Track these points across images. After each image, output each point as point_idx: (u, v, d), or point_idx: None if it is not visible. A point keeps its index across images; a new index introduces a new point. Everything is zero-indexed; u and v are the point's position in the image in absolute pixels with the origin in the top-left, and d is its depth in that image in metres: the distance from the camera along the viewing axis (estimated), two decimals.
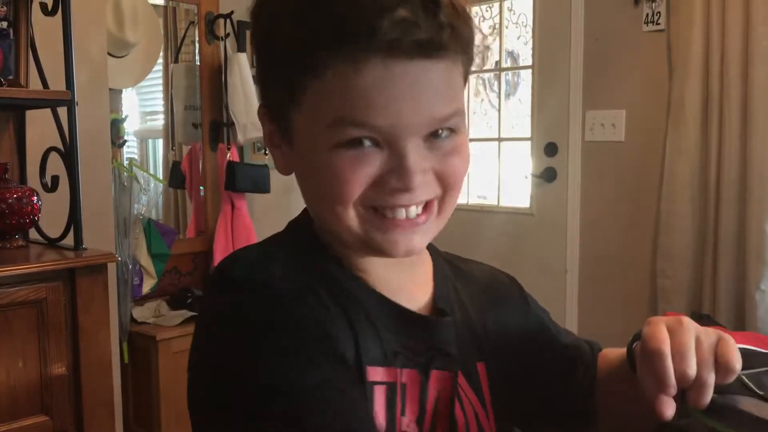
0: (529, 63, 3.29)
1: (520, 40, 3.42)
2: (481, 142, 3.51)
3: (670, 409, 0.61)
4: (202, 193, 3.14)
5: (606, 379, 0.82)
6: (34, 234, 1.93)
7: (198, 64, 3.09)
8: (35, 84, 1.84)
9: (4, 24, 1.78)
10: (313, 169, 0.66)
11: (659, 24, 2.79)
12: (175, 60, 3.12)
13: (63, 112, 1.82)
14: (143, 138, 3.21)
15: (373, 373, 0.67)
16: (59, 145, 1.83)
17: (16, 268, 1.62)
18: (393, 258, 0.69)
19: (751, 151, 2.51)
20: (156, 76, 3.08)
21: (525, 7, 3.33)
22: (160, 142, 3.23)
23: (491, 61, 3.49)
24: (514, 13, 3.41)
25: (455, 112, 0.66)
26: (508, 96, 3.53)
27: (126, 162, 2.88)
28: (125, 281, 2.67)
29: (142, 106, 3.21)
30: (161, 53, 3.03)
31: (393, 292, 0.73)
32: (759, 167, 2.50)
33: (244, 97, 2.99)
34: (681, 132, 2.68)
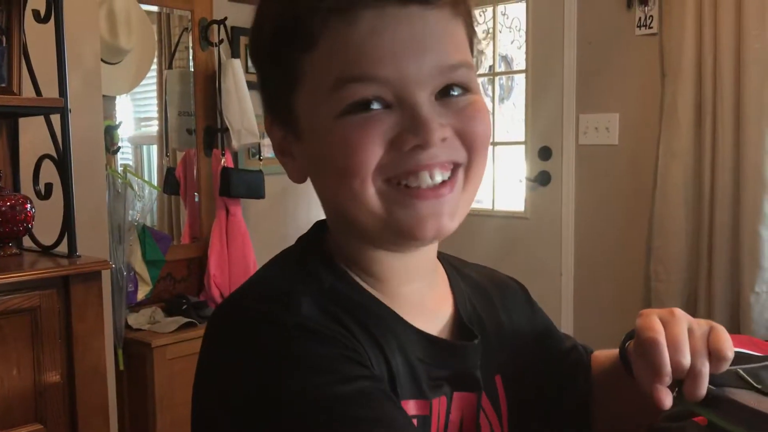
0: (523, 67, 3.30)
1: (514, 45, 3.43)
2: None
3: (668, 398, 0.61)
4: (196, 199, 3.14)
5: (599, 379, 0.82)
6: (27, 242, 1.92)
7: (192, 70, 3.09)
8: (28, 91, 1.84)
9: None
10: (323, 147, 0.62)
11: (652, 28, 2.80)
12: (169, 66, 3.12)
13: (56, 119, 1.81)
14: (137, 144, 3.21)
15: (406, 407, 0.64)
16: (53, 152, 1.82)
17: (9, 276, 1.61)
18: (422, 242, 0.65)
19: (745, 154, 2.52)
20: (150, 83, 3.08)
21: (518, 11, 3.34)
22: (154, 148, 3.22)
23: (485, 66, 3.49)
24: (507, 18, 3.42)
25: (462, 62, 0.62)
26: (502, 100, 3.54)
27: (120, 168, 2.87)
28: (120, 288, 2.66)
29: (137, 113, 3.21)
30: (155, 59, 3.03)
31: (418, 312, 0.69)
32: (752, 170, 2.50)
33: (238, 102, 2.99)
34: (674, 135, 2.69)
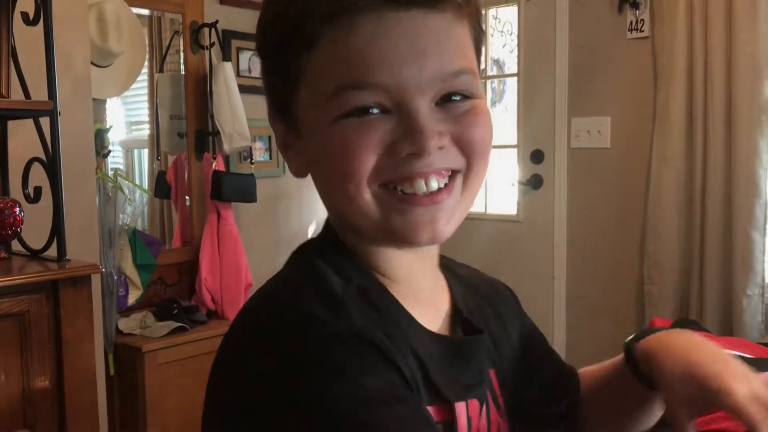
0: (515, 71, 3.30)
1: (506, 49, 3.43)
2: None
3: None
4: (187, 202, 3.13)
5: (595, 388, 0.82)
6: (16, 245, 1.90)
7: (183, 73, 3.08)
8: (17, 94, 1.82)
9: None
10: (321, 149, 0.62)
11: (643, 31, 2.81)
12: (160, 69, 3.11)
13: (46, 122, 1.80)
14: (128, 148, 3.19)
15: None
16: (42, 155, 1.81)
17: None
18: (417, 247, 0.65)
19: (736, 157, 2.53)
20: (141, 86, 3.06)
21: (510, 15, 3.34)
22: (145, 151, 3.21)
23: None
24: (499, 22, 3.42)
25: (463, 69, 0.61)
26: (494, 104, 3.54)
27: (111, 172, 2.85)
28: (110, 292, 2.65)
29: (127, 116, 3.20)
30: (146, 63, 3.02)
31: (423, 305, 0.69)
32: (744, 172, 2.51)
33: (229, 106, 2.98)
34: (666, 138, 2.69)
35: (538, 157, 3.18)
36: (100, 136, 2.80)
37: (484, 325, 0.75)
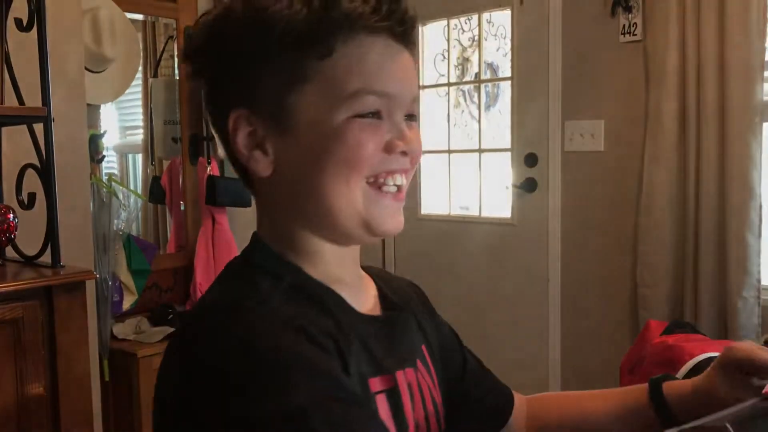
0: (509, 75, 3.31)
1: (500, 52, 3.44)
2: (462, 154, 3.52)
3: None
4: (182, 207, 3.12)
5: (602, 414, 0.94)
6: (10, 252, 1.90)
7: (177, 78, 3.08)
8: (11, 100, 1.82)
9: None
10: (327, 142, 0.71)
11: (636, 35, 2.82)
12: (154, 74, 3.11)
13: (39, 128, 1.80)
14: (122, 153, 3.19)
15: (372, 384, 0.73)
16: (36, 161, 1.81)
17: None
18: (384, 236, 0.78)
19: (729, 160, 2.54)
20: (135, 91, 3.06)
21: (503, 19, 3.35)
22: (139, 157, 3.21)
23: (471, 73, 3.50)
24: (493, 26, 3.43)
25: (416, 98, 0.77)
26: (488, 107, 3.54)
27: (105, 178, 2.85)
28: (105, 298, 2.64)
29: (121, 121, 3.20)
30: (140, 68, 3.02)
31: (357, 294, 0.80)
32: (737, 175, 2.52)
33: None
34: (659, 141, 2.70)
35: (532, 160, 3.18)
36: (95, 141, 2.80)
37: (409, 308, 0.87)
